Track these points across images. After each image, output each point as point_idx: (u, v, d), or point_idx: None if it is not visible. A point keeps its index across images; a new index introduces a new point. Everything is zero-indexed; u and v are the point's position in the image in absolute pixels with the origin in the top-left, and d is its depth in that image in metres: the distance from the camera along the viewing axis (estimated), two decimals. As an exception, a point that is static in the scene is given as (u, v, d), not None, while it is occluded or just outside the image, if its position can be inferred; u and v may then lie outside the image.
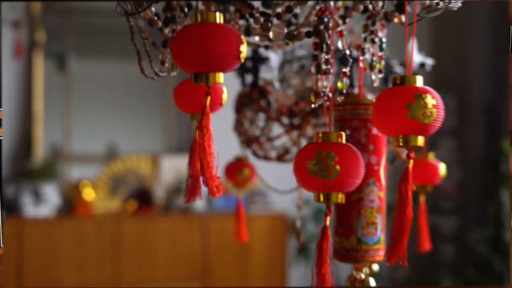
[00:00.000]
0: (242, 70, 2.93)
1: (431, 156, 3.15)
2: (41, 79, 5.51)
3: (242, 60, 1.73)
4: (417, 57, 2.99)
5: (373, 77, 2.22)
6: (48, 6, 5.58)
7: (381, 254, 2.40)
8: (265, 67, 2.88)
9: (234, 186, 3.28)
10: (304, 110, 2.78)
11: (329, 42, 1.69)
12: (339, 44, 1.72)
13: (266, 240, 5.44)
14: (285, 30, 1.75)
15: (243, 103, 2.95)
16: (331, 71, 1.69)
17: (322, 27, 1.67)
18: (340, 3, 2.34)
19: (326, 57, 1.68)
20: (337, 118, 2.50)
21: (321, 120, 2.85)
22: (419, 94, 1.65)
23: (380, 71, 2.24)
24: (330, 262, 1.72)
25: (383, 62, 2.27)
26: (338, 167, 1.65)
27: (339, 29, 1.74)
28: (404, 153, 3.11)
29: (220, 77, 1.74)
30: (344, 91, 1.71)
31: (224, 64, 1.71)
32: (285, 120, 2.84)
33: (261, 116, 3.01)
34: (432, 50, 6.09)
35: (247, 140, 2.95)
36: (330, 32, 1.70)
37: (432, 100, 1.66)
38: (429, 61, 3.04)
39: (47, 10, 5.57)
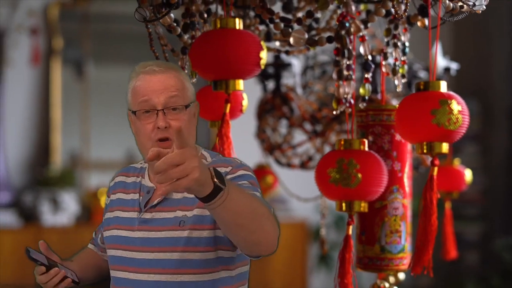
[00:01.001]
0: (264, 76, 2.93)
1: (456, 163, 3.13)
2: (58, 86, 5.53)
3: (263, 67, 1.73)
4: (441, 62, 2.96)
5: (396, 82, 2.20)
6: (66, 12, 5.60)
7: (405, 262, 2.37)
8: (287, 73, 2.87)
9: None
10: (327, 116, 2.76)
11: (350, 48, 1.68)
12: (361, 50, 1.70)
13: (287, 248, 5.42)
14: (306, 36, 1.74)
15: (265, 110, 2.94)
16: (353, 77, 1.68)
17: (343, 32, 1.66)
18: (361, 7, 2.32)
19: (348, 62, 1.67)
20: (359, 124, 2.47)
21: (345, 126, 2.83)
22: (445, 100, 1.64)
23: (403, 76, 2.22)
24: (353, 271, 1.71)
25: (406, 67, 2.24)
26: (360, 175, 1.63)
27: (361, 34, 1.72)
28: (429, 159, 3.08)
29: (240, 84, 1.74)
30: (366, 98, 1.70)
31: (244, 71, 1.70)
32: (308, 127, 2.83)
33: (284, 123, 3.00)
34: (452, 52, 6.05)
35: (270, 147, 2.95)
36: (351, 37, 1.69)
37: (458, 106, 1.64)
38: (454, 66, 3.01)
39: (64, 16, 5.59)
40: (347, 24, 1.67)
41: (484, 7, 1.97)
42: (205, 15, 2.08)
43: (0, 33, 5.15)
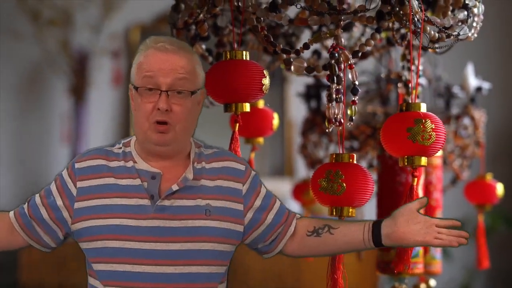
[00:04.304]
0: (308, 97, 3.31)
1: (488, 177, 3.41)
2: (140, 105, 5.97)
3: (265, 92, 2.09)
4: (473, 82, 3.28)
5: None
6: (146, 35, 6.05)
7: (420, 267, 2.68)
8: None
9: (302, 206, 3.64)
10: (365, 133, 3.10)
11: (341, 75, 2.02)
12: (349, 76, 2.04)
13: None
14: (305, 64, 2.09)
15: (307, 128, 3.33)
16: (343, 99, 2.01)
17: (333, 61, 2.00)
18: (383, 35, 2.66)
19: (337, 87, 2.01)
20: (379, 141, 2.80)
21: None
22: (419, 119, 1.95)
23: (417, 97, 2.54)
24: (343, 268, 2.03)
25: (420, 89, 2.57)
26: (344, 184, 1.96)
27: (349, 62, 2.05)
28: (463, 173, 3.38)
29: (247, 106, 2.10)
30: (353, 117, 2.03)
31: (248, 96, 2.07)
32: (346, 143, 3.18)
33: (326, 139, 3.36)
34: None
35: (312, 162, 3.32)
36: (341, 65, 2.02)
37: (431, 124, 1.95)
38: (486, 85, 3.32)
39: (145, 38, 6.02)
40: (336, 55, 2.01)
41: (476, 35, 2.25)
42: (236, 46, 2.45)
43: (84, 56, 5.64)
